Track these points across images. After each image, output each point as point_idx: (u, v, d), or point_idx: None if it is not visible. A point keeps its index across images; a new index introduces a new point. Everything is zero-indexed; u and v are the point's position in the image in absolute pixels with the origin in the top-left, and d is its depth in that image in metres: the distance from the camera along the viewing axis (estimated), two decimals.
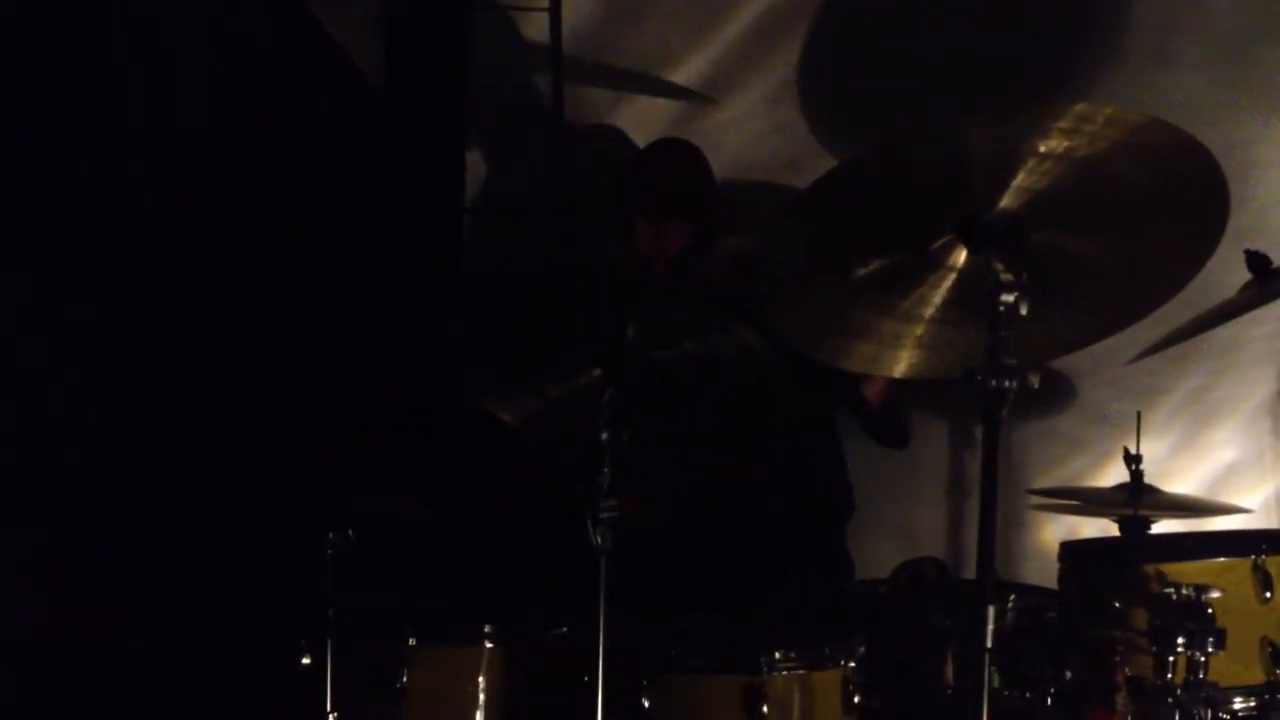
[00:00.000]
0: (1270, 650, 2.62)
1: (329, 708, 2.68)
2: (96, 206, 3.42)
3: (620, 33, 3.88)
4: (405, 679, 2.66)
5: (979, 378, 2.14)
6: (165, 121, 3.50)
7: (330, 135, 3.70)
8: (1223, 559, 2.67)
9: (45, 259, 3.32)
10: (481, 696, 2.68)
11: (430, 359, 3.54)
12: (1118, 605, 2.61)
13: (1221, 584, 2.52)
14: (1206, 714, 2.50)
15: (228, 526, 3.45)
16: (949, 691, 2.65)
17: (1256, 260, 3.02)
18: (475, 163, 3.89)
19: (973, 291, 2.24)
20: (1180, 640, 2.48)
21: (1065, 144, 2.16)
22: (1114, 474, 3.31)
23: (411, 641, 2.68)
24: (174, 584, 3.42)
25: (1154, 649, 2.51)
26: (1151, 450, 3.22)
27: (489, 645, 2.70)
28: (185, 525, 3.44)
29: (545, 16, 3.79)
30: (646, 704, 2.50)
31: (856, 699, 2.54)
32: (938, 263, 2.30)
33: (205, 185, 3.53)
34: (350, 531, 2.69)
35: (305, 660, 2.71)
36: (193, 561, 3.44)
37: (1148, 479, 3.16)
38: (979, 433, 2.20)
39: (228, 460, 3.46)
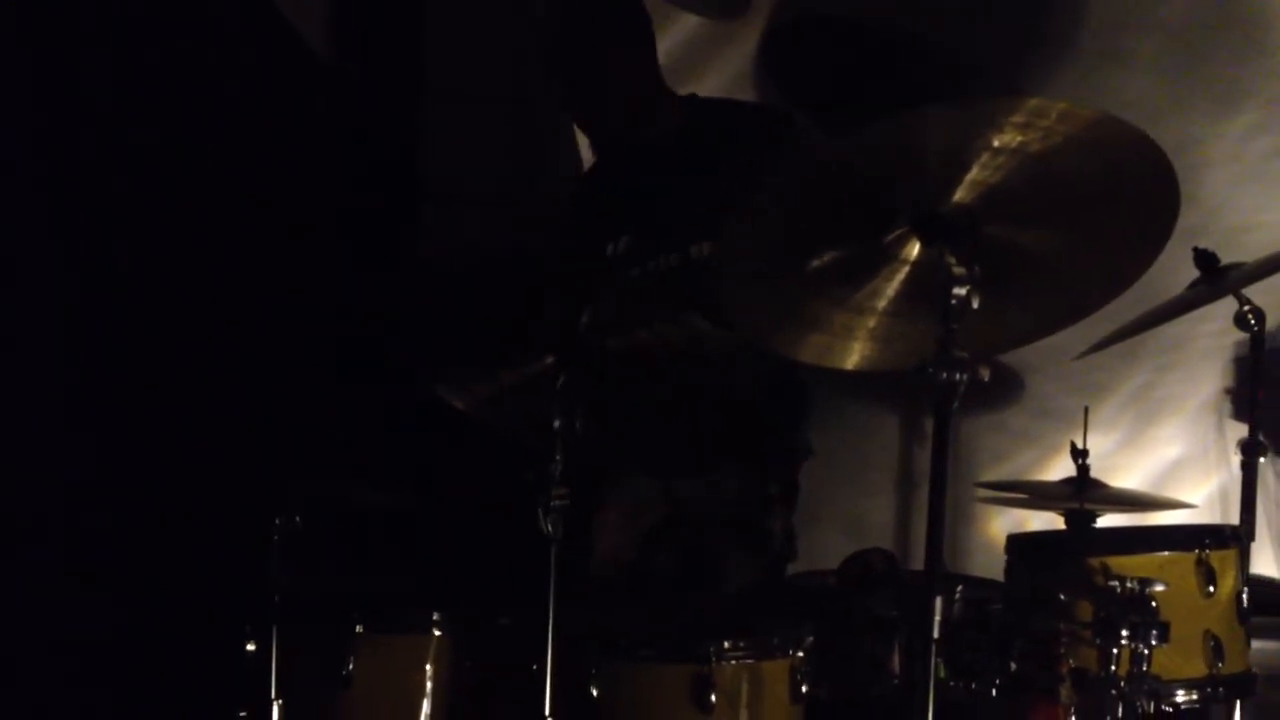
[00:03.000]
0: (1213, 644, 2.65)
1: (274, 695, 2.66)
2: (46, 188, 3.39)
3: None
4: (351, 666, 2.64)
5: (929, 370, 2.15)
6: (110, 99, 3.46)
7: (282, 118, 3.67)
8: (1167, 553, 2.70)
9: None
10: (429, 685, 2.67)
11: (384, 343, 3.52)
12: (1063, 598, 2.63)
13: (1165, 578, 2.54)
14: (1149, 706, 2.52)
15: (172, 510, 3.42)
16: (896, 682, 2.66)
17: (1204, 258, 3.05)
18: (432, 148, 3.86)
19: (925, 284, 2.25)
20: (1124, 633, 2.50)
21: (1019, 139, 2.17)
22: (1061, 468, 3.34)
23: (358, 629, 2.66)
24: (117, 569, 3.38)
25: (1098, 641, 2.53)
26: (1098, 445, 3.24)
27: (437, 633, 2.69)
28: (129, 508, 3.41)
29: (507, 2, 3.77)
30: (595, 693, 2.50)
31: (804, 689, 2.55)
32: (891, 255, 2.31)
33: (151, 167, 3.50)
34: (297, 516, 2.67)
35: (250, 646, 2.68)
36: (136, 545, 3.41)
37: (1094, 473, 3.19)
38: (928, 425, 2.21)
39: (173, 444, 3.43)
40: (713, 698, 2.46)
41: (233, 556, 2.84)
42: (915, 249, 2.30)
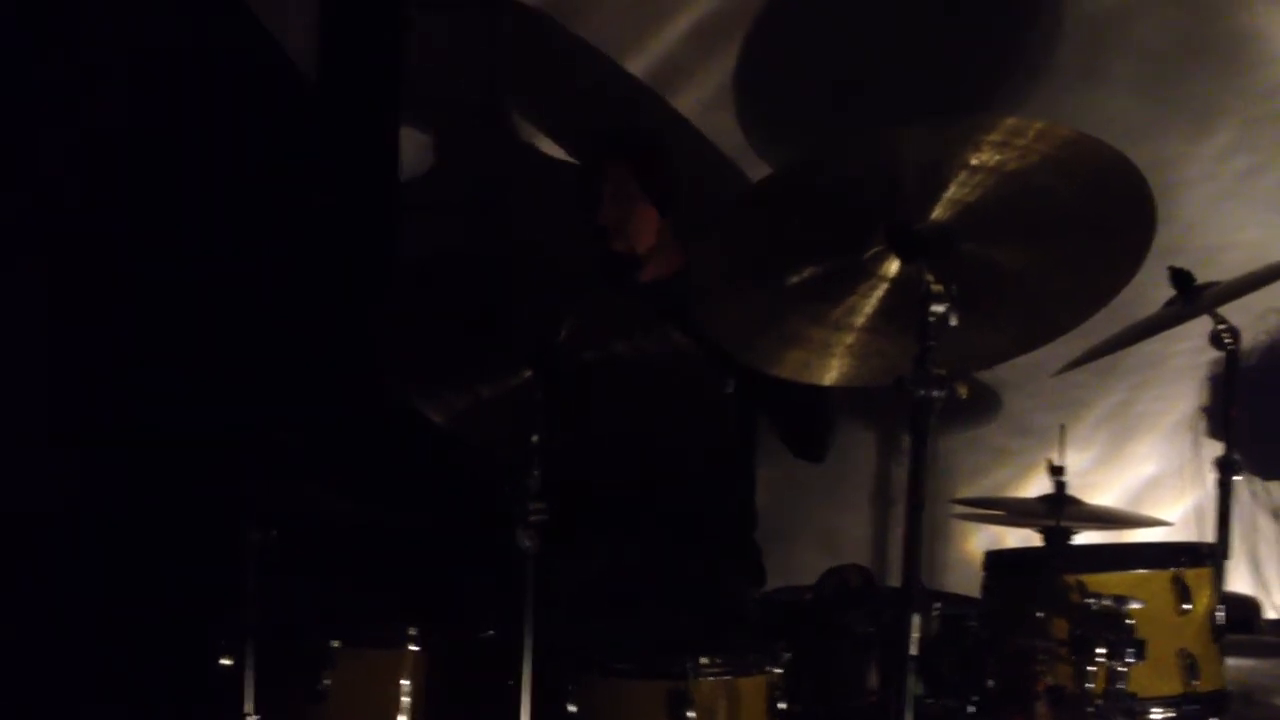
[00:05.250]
0: (1188, 661, 2.65)
1: (249, 710, 2.65)
2: (17, 196, 3.38)
3: (559, 35, 3.87)
4: (327, 681, 2.63)
5: (907, 387, 2.16)
6: (91, 110, 3.46)
7: (262, 127, 3.67)
8: (1142, 570, 2.71)
9: None
10: (405, 699, 2.66)
11: (361, 354, 3.51)
12: (1039, 615, 2.63)
13: (1141, 595, 2.55)
14: None
15: (147, 523, 3.40)
16: (872, 699, 2.67)
17: (1180, 277, 3.07)
18: (411, 157, 3.86)
19: (903, 301, 2.26)
20: (1100, 650, 2.51)
21: (996, 157, 2.18)
22: (1037, 485, 3.35)
23: (334, 643, 2.65)
24: (91, 582, 3.37)
25: (1074, 659, 2.54)
26: (1074, 462, 3.24)
27: (413, 648, 2.68)
28: (104, 521, 3.39)
29: (484, 14, 3.78)
30: (572, 708, 2.50)
31: (781, 705, 2.55)
32: (869, 272, 2.32)
33: (136, 176, 3.49)
34: (273, 530, 2.66)
35: (225, 661, 2.67)
36: (111, 559, 3.39)
37: (1070, 491, 3.19)
38: (905, 441, 2.22)
39: (148, 456, 3.41)
40: (690, 713, 2.46)
41: (208, 570, 2.83)
42: (894, 266, 2.30)
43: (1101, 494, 3.71)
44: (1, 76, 3.37)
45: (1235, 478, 3.08)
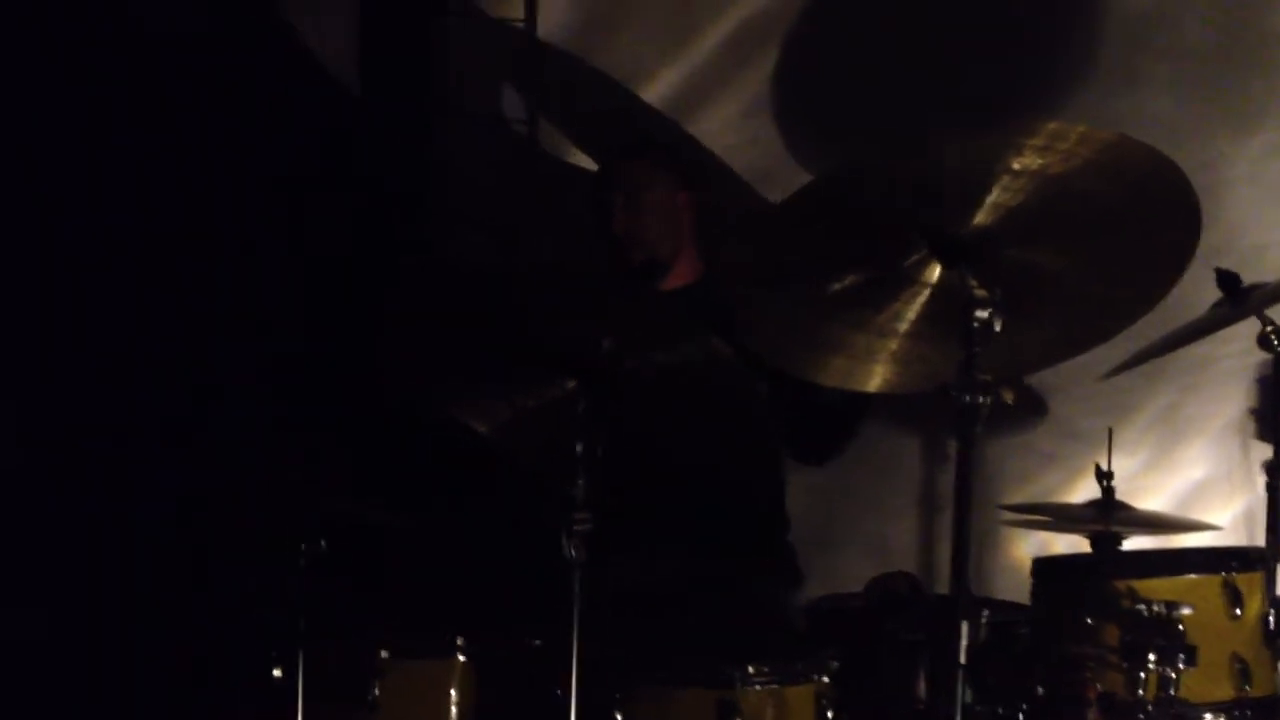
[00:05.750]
0: (1240, 667, 2.63)
1: None
2: (67, 206, 3.43)
3: (595, 46, 3.89)
4: (377, 692, 2.64)
5: (952, 393, 2.15)
6: (131, 120, 3.50)
7: (299, 138, 3.70)
8: (1193, 576, 2.69)
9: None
10: (453, 710, 2.67)
11: (402, 365, 3.52)
12: (1089, 621, 2.62)
13: (1192, 600, 2.54)
14: None
15: (198, 536, 3.43)
16: (921, 707, 2.66)
17: (1227, 279, 3.05)
18: (446, 169, 3.89)
19: (947, 307, 2.25)
20: (1151, 656, 2.49)
21: (1038, 161, 2.17)
22: (1085, 490, 3.32)
23: (383, 654, 2.67)
24: (145, 595, 3.40)
25: (1125, 665, 2.52)
26: (1123, 467, 3.22)
27: (461, 658, 2.69)
28: (155, 534, 3.42)
29: (520, 27, 3.80)
30: (619, 717, 2.50)
31: (829, 714, 2.54)
32: (912, 278, 2.31)
33: (173, 184, 3.53)
34: (322, 542, 2.68)
35: (276, 672, 2.69)
36: (163, 572, 3.42)
37: (1119, 495, 3.17)
38: (951, 447, 2.21)
39: (199, 468, 3.44)
40: None
41: (258, 581, 2.85)
42: (936, 272, 2.30)
43: (1150, 498, 3.68)
44: (31, 81, 3.43)
45: None
